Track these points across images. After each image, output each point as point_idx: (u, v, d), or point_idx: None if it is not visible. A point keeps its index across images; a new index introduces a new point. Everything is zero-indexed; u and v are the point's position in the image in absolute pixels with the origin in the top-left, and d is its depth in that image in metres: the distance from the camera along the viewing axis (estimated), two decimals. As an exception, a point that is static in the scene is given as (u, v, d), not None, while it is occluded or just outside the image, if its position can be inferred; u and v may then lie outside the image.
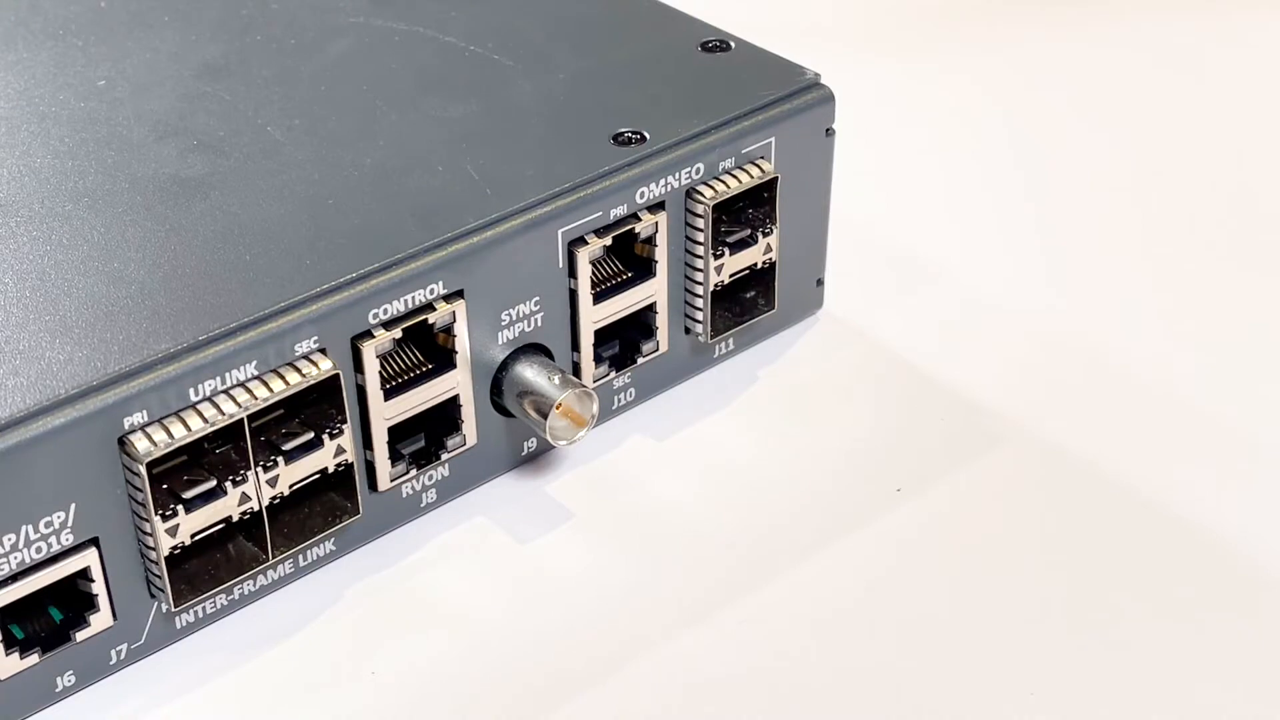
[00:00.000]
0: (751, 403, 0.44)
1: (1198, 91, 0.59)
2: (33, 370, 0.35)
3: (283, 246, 0.38)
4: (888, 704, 0.36)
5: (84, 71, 0.45)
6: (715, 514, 0.41)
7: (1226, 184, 0.53)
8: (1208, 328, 0.47)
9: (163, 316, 0.36)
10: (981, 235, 0.51)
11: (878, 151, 0.55)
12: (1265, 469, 0.42)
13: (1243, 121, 0.57)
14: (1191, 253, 0.50)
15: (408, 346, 0.39)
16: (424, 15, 0.47)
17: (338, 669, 0.37)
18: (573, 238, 0.40)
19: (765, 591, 0.39)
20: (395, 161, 0.41)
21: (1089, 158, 0.55)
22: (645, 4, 0.47)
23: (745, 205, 0.43)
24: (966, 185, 0.54)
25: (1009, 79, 0.59)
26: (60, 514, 0.35)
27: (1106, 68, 0.60)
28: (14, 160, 0.41)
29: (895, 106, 0.58)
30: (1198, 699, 0.36)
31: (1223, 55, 0.61)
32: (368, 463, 0.39)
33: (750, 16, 0.55)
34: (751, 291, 0.44)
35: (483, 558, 0.40)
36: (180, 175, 0.40)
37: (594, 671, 0.37)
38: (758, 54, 0.45)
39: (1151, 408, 0.44)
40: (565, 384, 0.40)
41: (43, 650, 0.36)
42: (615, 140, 0.41)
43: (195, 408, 0.35)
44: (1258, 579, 0.39)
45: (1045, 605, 0.38)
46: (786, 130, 0.43)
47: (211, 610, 0.38)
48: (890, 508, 0.41)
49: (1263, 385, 0.45)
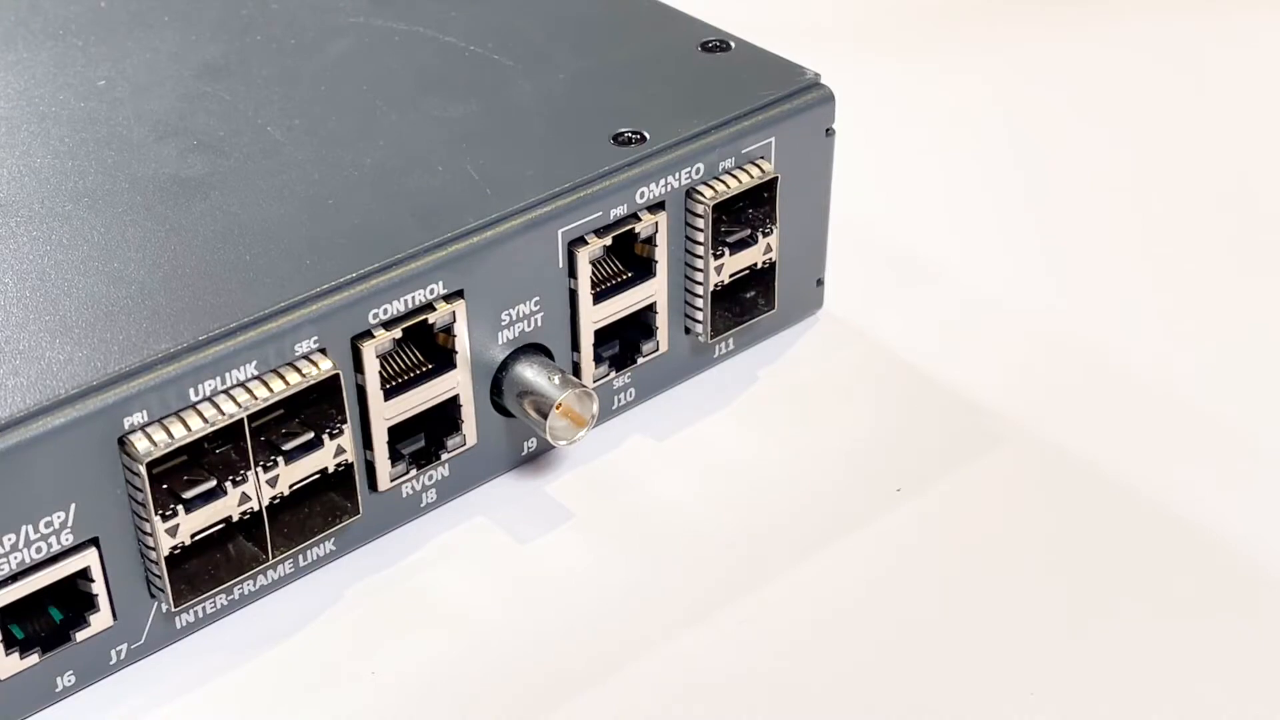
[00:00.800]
0: (751, 403, 0.44)
1: (1198, 91, 0.59)
2: (33, 370, 0.35)
3: (283, 246, 0.38)
4: (888, 704, 0.36)
5: (84, 71, 0.45)
6: (715, 514, 0.41)
7: (1227, 184, 0.53)
8: (1208, 328, 0.47)
9: (163, 316, 0.36)
10: (981, 235, 0.51)
11: (878, 151, 0.55)
12: (1265, 469, 0.42)
13: (1243, 121, 0.57)
14: (1191, 253, 0.50)
15: (408, 346, 0.39)
16: (424, 15, 0.47)
17: (338, 669, 0.37)
18: (573, 238, 0.40)
19: (765, 591, 0.39)
20: (395, 161, 0.41)
21: (1089, 158, 0.55)
22: (645, 4, 0.47)
23: (745, 205, 0.43)
24: (966, 185, 0.54)
25: (1009, 79, 0.59)
26: (60, 514, 0.35)
27: (1106, 68, 0.60)
28: (14, 160, 0.41)
29: (895, 106, 0.58)
30: (1198, 699, 0.36)
31: (1223, 55, 0.61)
32: (368, 463, 0.39)
33: (750, 16, 0.55)
34: (751, 291, 0.44)
35: (483, 558, 0.40)
36: (180, 175, 0.40)
37: (594, 671, 0.37)
38: (758, 54, 0.45)
39: (1151, 408, 0.44)
40: (565, 384, 0.40)
41: (43, 650, 0.36)
42: (615, 140, 0.41)
43: (195, 408, 0.35)
44: (1258, 579, 0.39)
45: (1045, 605, 0.38)
46: (786, 130, 0.43)
47: (211, 610, 0.38)
48: (890, 508, 0.41)
49: (1263, 385, 0.45)
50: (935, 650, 0.37)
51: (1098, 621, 0.38)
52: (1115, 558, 0.40)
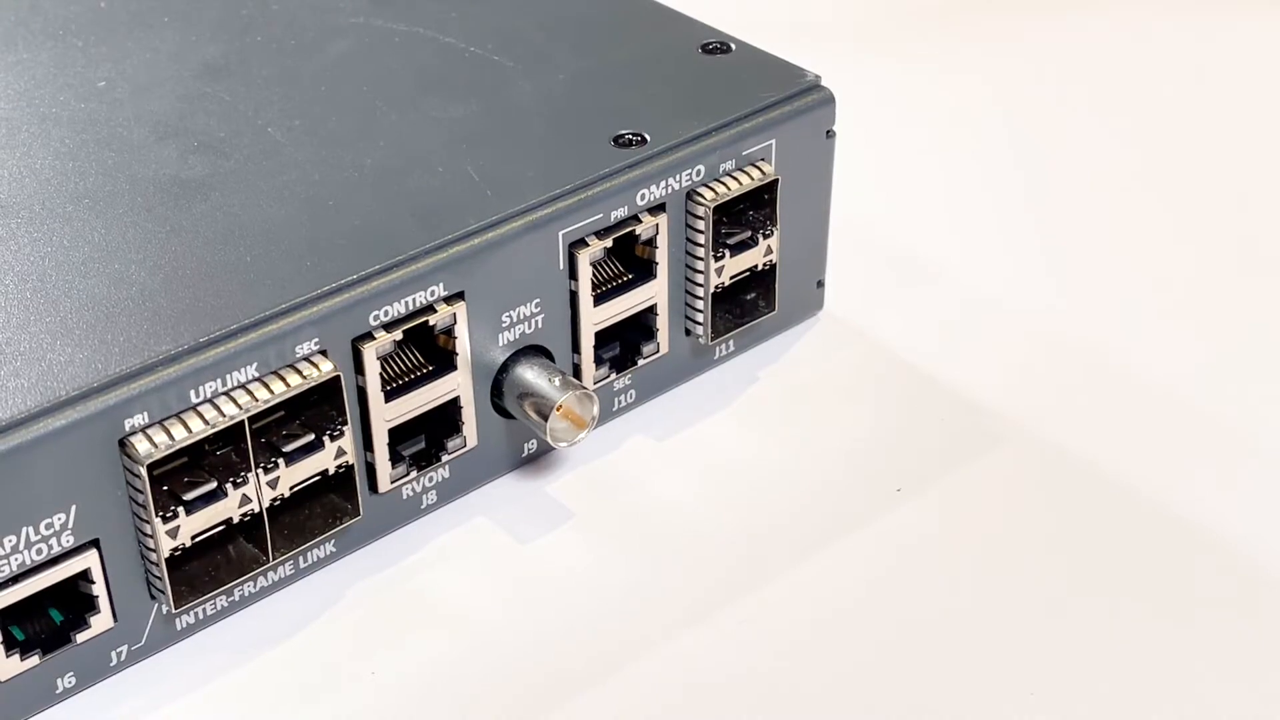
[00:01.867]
0: (752, 403, 0.44)
1: (1198, 91, 0.59)
2: (33, 372, 0.35)
3: (283, 248, 0.38)
4: (888, 704, 0.36)
5: (84, 72, 0.45)
6: (715, 514, 0.41)
7: (1227, 183, 0.53)
8: (1208, 328, 0.47)
9: (163, 318, 0.36)
10: (981, 235, 0.51)
11: (878, 151, 0.55)
12: (1265, 469, 0.42)
13: (1244, 121, 0.57)
14: (1191, 252, 0.50)
15: (408, 348, 0.39)
16: (424, 16, 0.47)
17: (338, 669, 0.37)
18: (573, 239, 0.40)
19: (765, 591, 0.39)
20: (396, 162, 0.41)
21: (1089, 157, 0.55)
22: (645, 5, 0.47)
23: (746, 207, 0.43)
24: (966, 185, 0.54)
25: (1009, 79, 0.59)
26: (61, 515, 0.35)
27: (1107, 67, 0.60)
28: (14, 161, 0.41)
29: (895, 106, 0.58)
30: (1197, 699, 0.36)
31: (1223, 54, 0.61)
32: (368, 464, 0.39)
33: (750, 17, 0.55)
34: (752, 293, 0.44)
35: (483, 558, 0.40)
36: (181, 176, 0.40)
37: (594, 671, 0.37)
38: (758, 55, 0.45)
39: (1151, 408, 0.44)
40: (566, 386, 0.40)
41: (43, 652, 0.36)
42: (616, 142, 0.41)
43: (196, 409, 0.35)
44: (1258, 579, 0.39)
45: (1045, 605, 0.38)
46: (787, 132, 0.43)
47: (212, 611, 0.38)
48: (890, 508, 0.41)
49: (1263, 385, 0.45)
50: (935, 650, 0.37)
51: (1098, 621, 0.38)
52: (1115, 558, 0.40)
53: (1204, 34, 0.62)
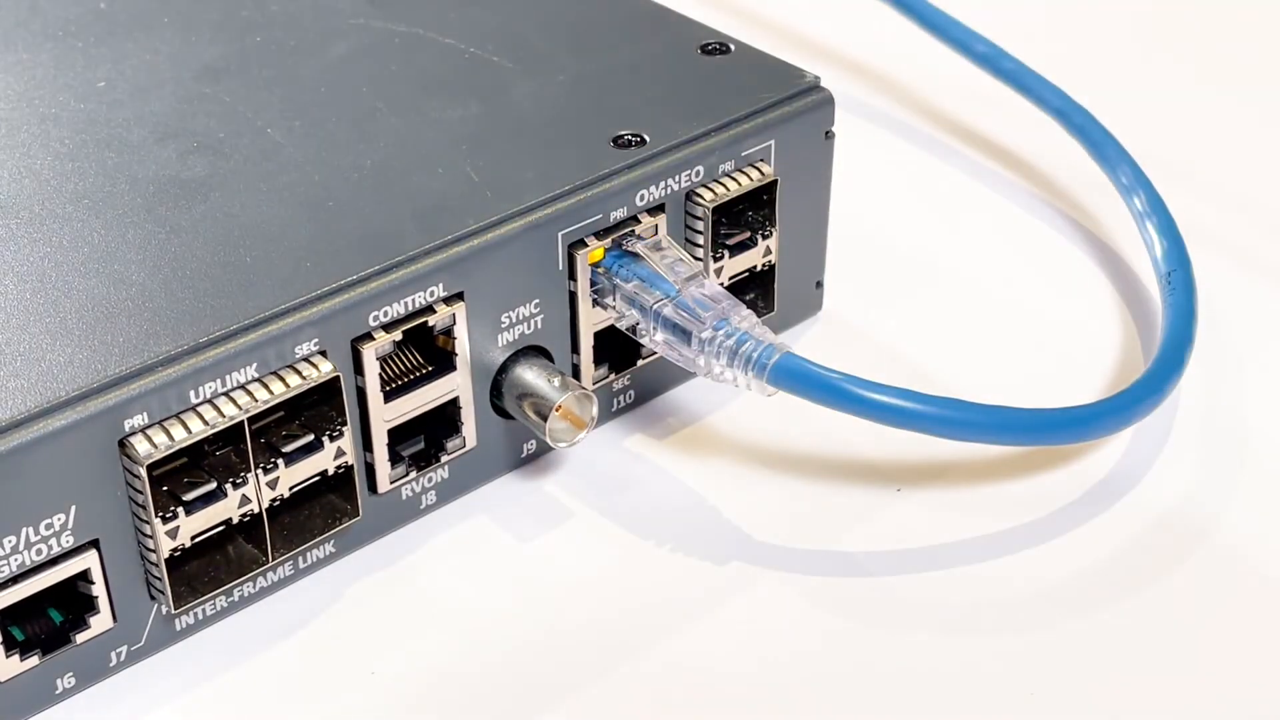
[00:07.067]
0: (751, 403, 0.44)
1: (1197, 90, 0.59)
2: (33, 372, 0.35)
3: (283, 248, 0.38)
4: (888, 704, 0.36)
5: (84, 73, 0.45)
6: (715, 514, 0.41)
7: (1227, 183, 0.53)
8: (1207, 328, 0.47)
9: (163, 318, 0.36)
10: (981, 235, 0.51)
11: (878, 152, 0.55)
12: (1264, 469, 0.42)
13: (1244, 120, 0.57)
14: (1191, 252, 0.50)
15: (408, 349, 0.39)
16: (424, 17, 0.47)
17: (338, 669, 0.37)
18: (573, 240, 0.40)
19: (765, 591, 0.39)
20: (395, 163, 0.41)
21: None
22: (645, 6, 0.48)
23: (745, 208, 0.43)
24: (966, 185, 0.54)
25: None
26: (60, 516, 0.35)
27: (1106, 66, 0.60)
28: (14, 162, 0.41)
29: (895, 107, 0.58)
30: (1198, 699, 0.36)
31: (1224, 54, 0.61)
32: (368, 465, 0.39)
33: (749, 18, 0.55)
34: (751, 294, 0.44)
35: (483, 558, 0.40)
36: (180, 177, 0.41)
37: (594, 671, 0.37)
38: (757, 56, 0.45)
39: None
40: (565, 386, 0.40)
41: (43, 652, 0.36)
42: (615, 143, 0.41)
43: (195, 410, 0.36)
44: (1258, 579, 0.39)
45: (1045, 605, 0.38)
46: (786, 133, 0.43)
47: (211, 612, 0.38)
48: (890, 508, 0.41)
49: (1262, 385, 0.45)
50: (935, 650, 0.37)
51: (1097, 621, 0.38)
52: (1115, 557, 0.40)
53: (1204, 32, 0.62)
